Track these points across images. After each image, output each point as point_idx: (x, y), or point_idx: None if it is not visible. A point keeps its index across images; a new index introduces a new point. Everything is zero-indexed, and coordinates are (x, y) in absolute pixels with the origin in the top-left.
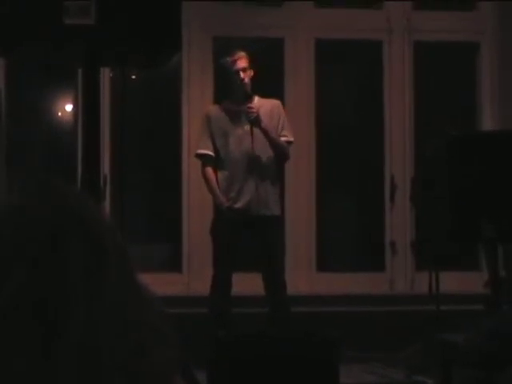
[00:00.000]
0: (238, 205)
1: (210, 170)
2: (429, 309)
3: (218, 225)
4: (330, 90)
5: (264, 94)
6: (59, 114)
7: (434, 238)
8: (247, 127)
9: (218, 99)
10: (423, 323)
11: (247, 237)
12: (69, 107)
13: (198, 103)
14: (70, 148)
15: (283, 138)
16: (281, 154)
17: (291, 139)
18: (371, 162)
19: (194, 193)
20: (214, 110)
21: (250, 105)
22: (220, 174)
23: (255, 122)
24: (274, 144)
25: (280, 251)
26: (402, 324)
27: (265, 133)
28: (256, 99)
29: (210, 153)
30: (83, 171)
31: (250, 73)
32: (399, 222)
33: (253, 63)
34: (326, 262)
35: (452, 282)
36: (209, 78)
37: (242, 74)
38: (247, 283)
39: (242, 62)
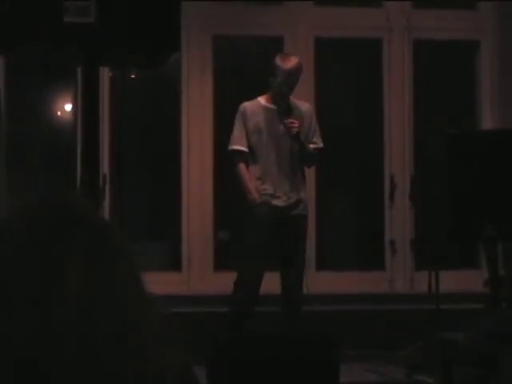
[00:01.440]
0: (275, 202)
1: (243, 166)
2: (428, 308)
3: (250, 222)
4: (329, 89)
5: (263, 93)
6: (59, 113)
7: (433, 237)
8: (282, 128)
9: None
10: (423, 322)
11: (280, 235)
12: (68, 107)
13: (197, 103)
14: (69, 147)
15: (313, 146)
16: (309, 160)
17: (321, 145)
18: (371, 161)
19: (193, 192)
20: (250, 106)
21: (291, 120)
22: (252, 171)
23: (295, 136)
24: (303, 151)
25: (304, 253)
26: (401, 323)
27: (299, 143)
28: (291, 100)
29: (245, 149)
30: (82, 171)
31: (297, 82)
32: (399, 221)
33: (252, 61)
34: (325, 261)
35: (452, 280)
36: (208, 77)
37: (286, 92)
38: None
39: (292, 78)
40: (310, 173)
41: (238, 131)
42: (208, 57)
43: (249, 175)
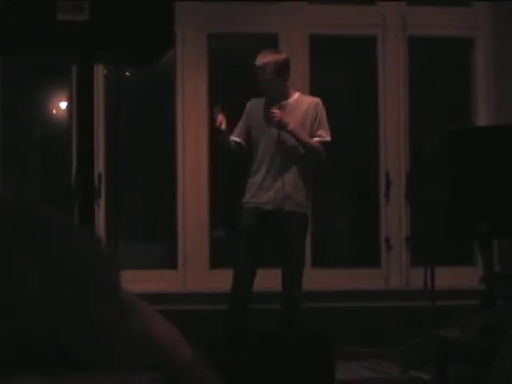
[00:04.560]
0: (258, 199)
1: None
2: (424, 304)
3: (240, 220)
4: (324, 86)
5: (258, 90)
6: (53, 112)
7: (430, 234)
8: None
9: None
10: (419, 318)
11: (268, 232)
12: (63, 105)
13: (192, 100)
14: (64, 146)
15: (316, 138)
16: (311, 154)
17: (327, 139)
18: (366, 158)
19: (189, 190)
20: (253, 102)
21: (273, 109)
22: (252, 168)
23: (278, 126)
24: (303, 146)
25: (299, 249)
26: (397, 319)
27: (292, 135)
28: (296, 96)
29: (238, 140)
30: (77, 170)
31: (277, 77)
32: (394, 218)
33: (247, 59)
34: (321, 257)
35: (447, 277)
36: (203, 75)
37: (262, 86)
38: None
39: (262, 74)
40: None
41: (238, 126)
42: (203, 55)
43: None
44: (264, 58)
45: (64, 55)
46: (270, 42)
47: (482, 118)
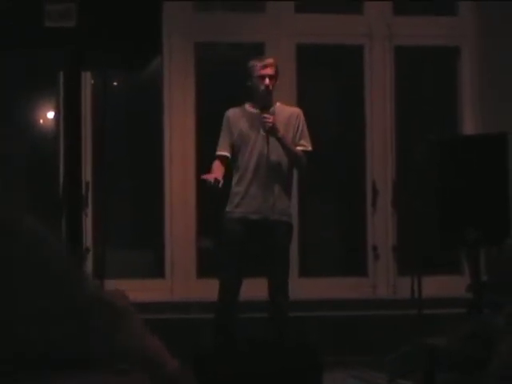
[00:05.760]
0: (243, 208)
1: (217, 162)
2: (411, 313)
3: (225, 230)
4: (311, 95)
5: (245, 99)
6: (41, 120)
7: (417, 242)
8: (264, 133)
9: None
10: (406, 327)
11: (255, 241)
12: (50, 114)
13: (179, 110)
14: (51, 155)
15: (300, 148)
16: (296, 163)
17: (309, 148)
18: (353, 167)
19: (176, 198)
20: (233, 112)
21: (265, 115)
22: (234, 177)
23: (271, 131)
24: (288, 153)
25: (285, 258)
26: (385, 328)
27: (280, 142)
28: (277, 105)
29: (226, 154)
30: (65, 178)
31: (275, 81)
32: (381, 226)
33: (234, 68)
34: (308, 267)
35: (434, 286)
36: (191, 84)
37: (267, 81)
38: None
39: (271, 70)
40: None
41: (221, 138)
42: (190, 64)
43: (219, 170)
44: (269, 58)
45: (52, 61)
46: (257, 51)
47: (469, 126)
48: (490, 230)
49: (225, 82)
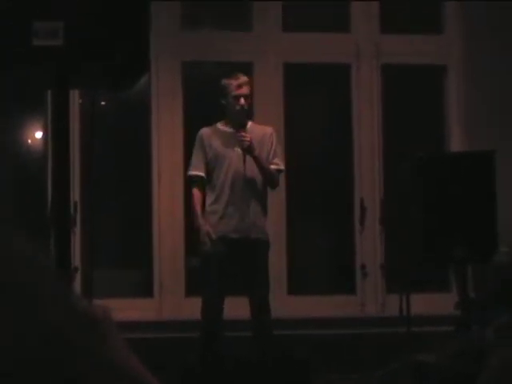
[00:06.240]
0: (222, 227)
1: (196, 193)
2: (400, 331)
3: (206, 249)
4: (299, 114)
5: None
6: (29, 140)
7: (404, 260)
8: (239, 151)
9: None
10: (395, 345)
11: (235, 260)
12: (38, 134)
13: (167, 128)
14: (40, 174)
15: (273, 166)
16: (270, 181)
17: (281, 168)
18: (341, 185)
19: (164, 218)
20: (207, 131)
21: (243, 133)
22: (208, 196)
23: (248, 150)
24: (263, 171)
25: (266, 275)
26: (373, 346)
27: (256, 160)
28: (249, 124)
29: (201, 174)
30: (53, 198)
31: (251, 100)
32: (369, 244)
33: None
34: (296, 285)
35: (422, 303)
36: (178, 103)
37: (242, 101)
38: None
39: (246, 89)
40: (281, 197)
41: (195, 156)
42: (177, 83)
43: (200, 205)
44: (243, 76)
45: (39, 80)
46: (245, 70)
47: (455, 143)
48: (478, 247)
49: (212, 101)
